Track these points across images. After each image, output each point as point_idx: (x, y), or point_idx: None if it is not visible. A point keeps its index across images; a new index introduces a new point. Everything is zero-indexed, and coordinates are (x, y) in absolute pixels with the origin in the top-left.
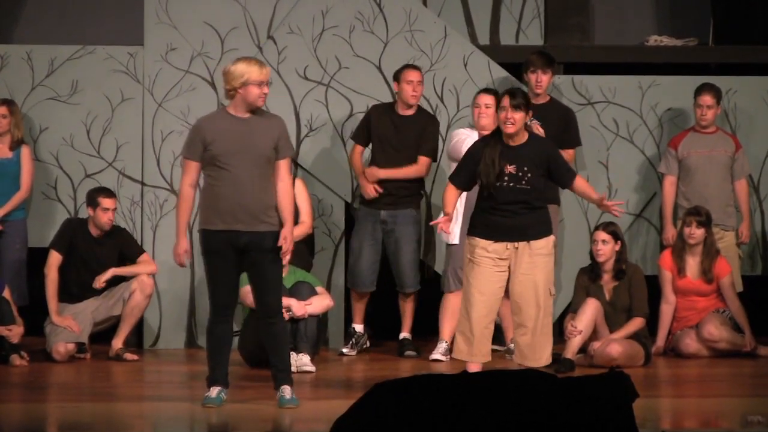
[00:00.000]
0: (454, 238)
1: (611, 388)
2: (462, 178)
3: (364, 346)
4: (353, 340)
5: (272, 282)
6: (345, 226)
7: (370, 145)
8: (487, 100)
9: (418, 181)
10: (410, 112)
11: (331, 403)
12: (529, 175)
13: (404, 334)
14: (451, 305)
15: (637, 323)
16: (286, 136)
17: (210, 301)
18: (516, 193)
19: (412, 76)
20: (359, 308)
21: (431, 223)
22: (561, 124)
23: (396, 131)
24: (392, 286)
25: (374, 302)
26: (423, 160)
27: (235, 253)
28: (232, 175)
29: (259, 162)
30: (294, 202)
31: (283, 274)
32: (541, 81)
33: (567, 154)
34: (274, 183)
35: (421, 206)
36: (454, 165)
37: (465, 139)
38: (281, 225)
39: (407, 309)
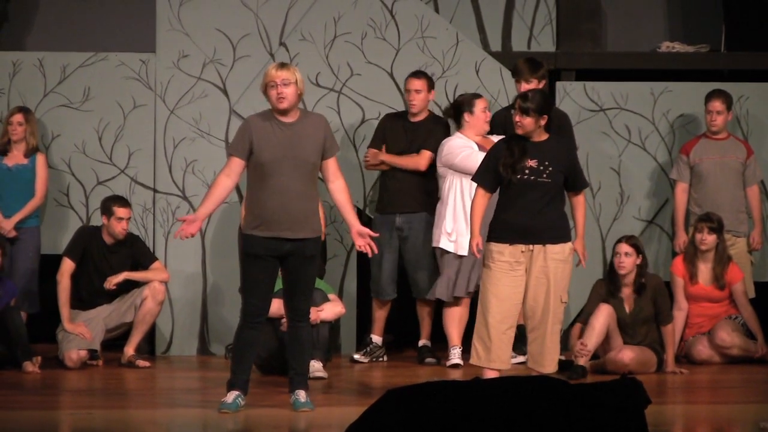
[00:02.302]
0: (463, 249)
1: (624, 394)
2: (488, 179)
3: (380, 359)
4: (368, 349)
5: (306, 285)
6: None
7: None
8: (418, 85)
9: (428, 181)
10: (420, 118)
11: (344, 409)
12: (550, 168)
13: (423, 342)
14: (455, 314)
15: (671, 330)
16: (331, 135)
17: (242, 306)
18: (537, 187)
19: (411, 85)
20: (380, 318)
21: (473, 252)
22: (553, 129)
23: (406, 137)
24: (409, 292)
25: (393, 309)
26: (425, 153)
27: (276, 258)
28: (277, 182)
29: (305, 169)
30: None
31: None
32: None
33: None
34: (326, 183)
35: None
36: (458, 174)
37: (472, 153)
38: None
39: (425, 316)
